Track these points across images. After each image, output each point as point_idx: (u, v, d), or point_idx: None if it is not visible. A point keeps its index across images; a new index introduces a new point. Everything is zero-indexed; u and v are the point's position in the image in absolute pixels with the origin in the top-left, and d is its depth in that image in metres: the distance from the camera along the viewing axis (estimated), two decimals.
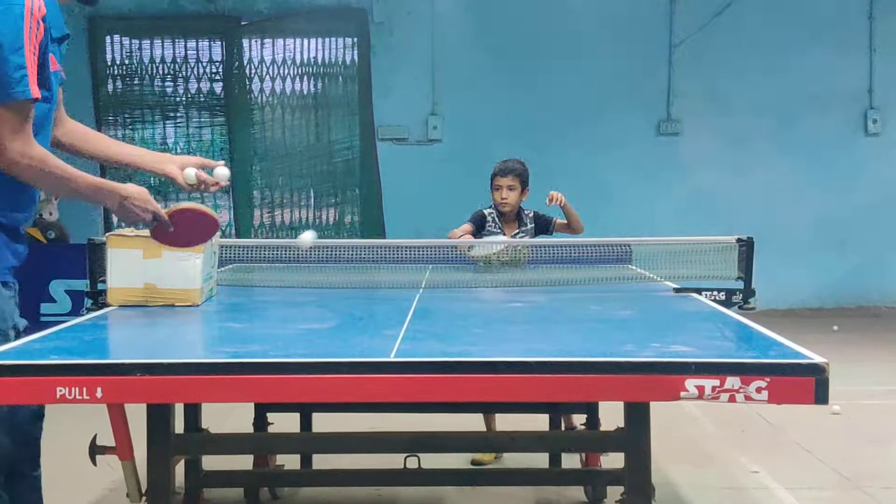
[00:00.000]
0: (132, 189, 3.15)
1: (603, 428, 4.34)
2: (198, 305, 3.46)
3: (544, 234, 5.60)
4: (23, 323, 3.06)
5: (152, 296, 3.42)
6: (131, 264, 3.41)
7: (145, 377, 2.44)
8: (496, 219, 5.52)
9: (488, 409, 4.93)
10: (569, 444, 4.33)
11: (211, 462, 4.12)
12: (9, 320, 2.97)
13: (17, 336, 2.98)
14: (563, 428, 4.86)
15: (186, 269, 3.43)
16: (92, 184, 3.11)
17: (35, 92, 2.89)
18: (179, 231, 3.29)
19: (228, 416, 4.42)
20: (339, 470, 4.25)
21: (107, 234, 3.53)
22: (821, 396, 2.39)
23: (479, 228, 5.49)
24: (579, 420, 4.77)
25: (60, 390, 2.41)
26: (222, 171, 3.52)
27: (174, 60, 10.92)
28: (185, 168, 3.42)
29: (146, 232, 3.43)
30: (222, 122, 10.99)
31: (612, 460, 4.82)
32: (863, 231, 10.96)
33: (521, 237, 5.45)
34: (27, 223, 3.13)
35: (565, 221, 5.59)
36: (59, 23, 3.10)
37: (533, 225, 5.56)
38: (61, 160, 3.04)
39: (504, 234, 5.44)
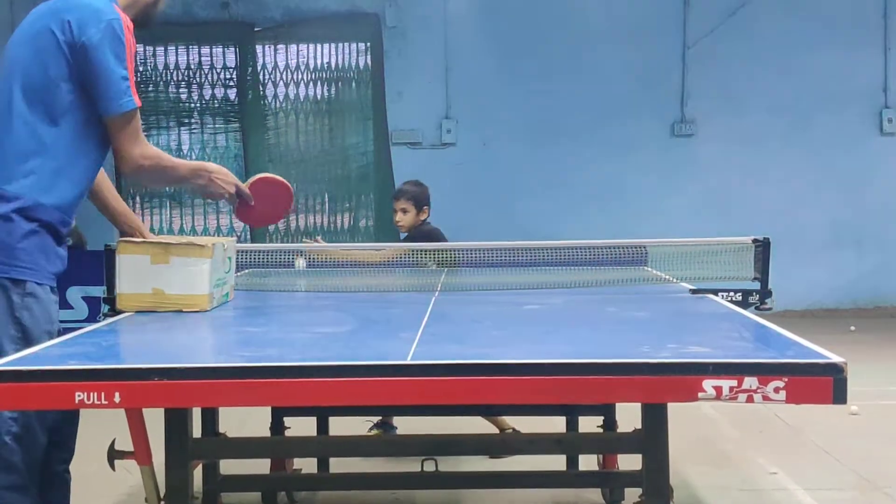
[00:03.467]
0: (216, 166, 3.53)
1: (620, 430, 4.34)
2: (206, 311, 3.46)
3: None
4: (61, 326, 3.20)
5: (160, 301, 3.43)
6: (140, 270, 3.42)
7: (163, 382, 2.44)
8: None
9: (504, 411, 4.94)
10: (586, 446, 4.32)
11: (228, 466, 4.13)
12: (55, 323, 3.12)
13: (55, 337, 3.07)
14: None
15: (194, 274, 3.44)
16: (190, 167, 3.55)
17: (138, 100, 3.15)
18: (260, 204, 3.62)
19: (246, 421, 4.44)
20: (355, 474, 4.25)
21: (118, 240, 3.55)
22: (839, 396, 2.38)
23: None
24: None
25: (79, 395, 2.42)
26: None
27: (188, 67, 10.96)
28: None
29: (155, 237, 3.48)
30: (236, 127, 11.02)
31: (630, 462, 4.82)
32: (879, 230, 10.91)
33: None
34: (69, 227, 3.27)
35: None
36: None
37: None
38: (170, 155, 3.45)
39: None
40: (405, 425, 5.46)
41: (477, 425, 4.48)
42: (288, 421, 4.57)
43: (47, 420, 3.10)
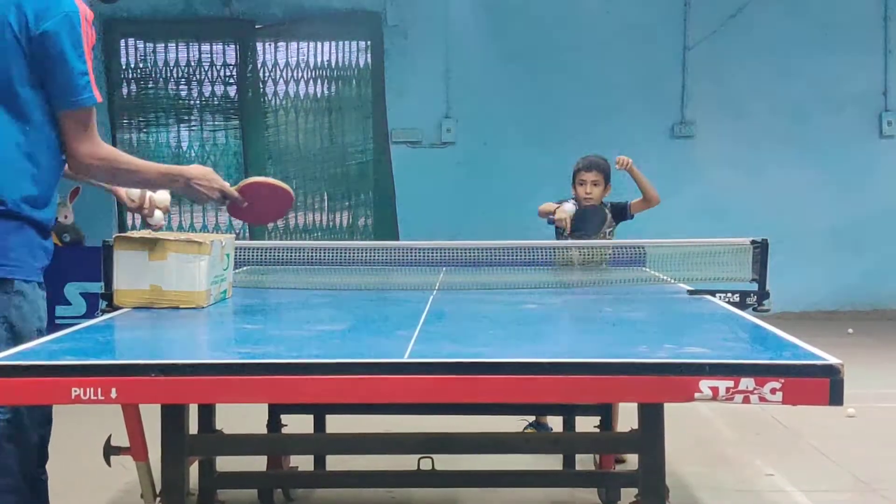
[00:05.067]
0: (196, 170, 3.34)
1: (617, 429, 4.34)
2: (203, 307, 3.46)
3: (623, 220, 5.79)
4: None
5: (157, 298, 3.43)
6: (137, 266, 3.42)
7: (160, 378, 2.44)
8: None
9: (501, 410, 4.94)
10: (583, 446, 4.32)
11: (225, 463, 4.13)
12: (44, 319, 3.07)
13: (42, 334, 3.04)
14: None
15: (191, 271, 3.44)
16: (159, 171, 3.33)
17: (98, 96, 3.03)
18: (255, 205, 3.52)
19: (242, 418, 4.43)
20: (352, 471, 4.25)
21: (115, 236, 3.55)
22: (835, 397, 2.38)
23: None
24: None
25: (75, 391, 2.42)
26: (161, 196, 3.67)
27: (188, 64, 10.95)
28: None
29: (152, 234, 3.46)
30: (236, 125, 11.02)
31: (626, 462, 4.82)
32: (878, 233, 10.91)
33: (608, 231, 5.63)
34: (53, 223, 3.19)
35: (640, 199, 5.65)
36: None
37: (611, 215, 5.70)
38: (126, 153, 3.25)
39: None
40: (406, 424, 5.45)
41: (477, 424, 4.48)
42: (285, 418, 4.57)
43: (33, 422, 3.08)
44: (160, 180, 3.34)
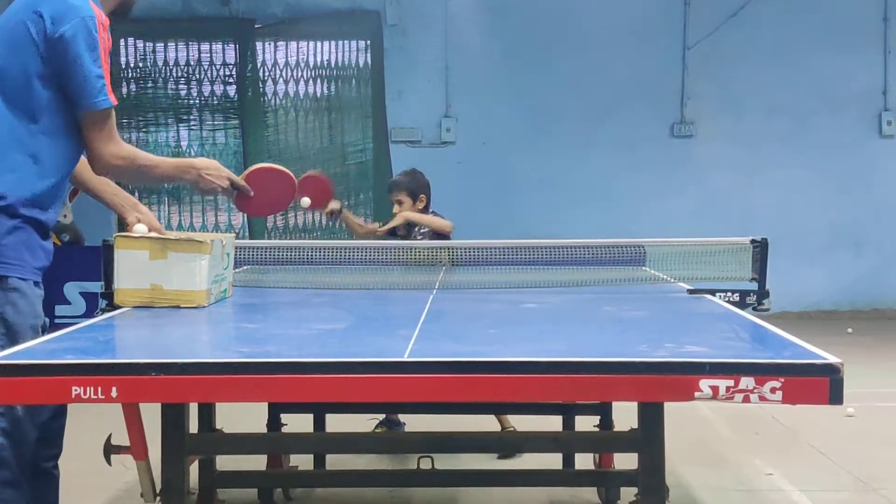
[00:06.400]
0: (204, 162, 3.48)
1: (616, 429, 4.34)
2: (204, 307, 3.46)
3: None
4: (46, 320, 3.17)
5: (158, 297, 3.43)
6: (138, 265, 3.42)
7: (160, 377, 2.44)
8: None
9: (502, 409, 4.95)
10: (582, 446, 4.32)
11: (225, 462, 4.13)
12: (40, 317, 3.10)
13: (42, 333, 3.06)
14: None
15: (192, 270, 3.44)
16: (172, 164, 3.51)
17: (114, 98, 3.10)
18: (260, 194, 3.60)
19: (242, 417, 4.44)
20: (352, 471, 4.26)
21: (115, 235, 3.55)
22: (835, 397, 2.38)
23: (392, 233, 5.84)
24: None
25: (76, 390, 2.42)
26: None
27: (188, 63, 10.95)
28: (139, 222, 3.56)
29: (153, 233, 3.46)
30: (236, 124, 11.02)
31: (626, 461, 4.82)
32: (878, 233, 10.92)
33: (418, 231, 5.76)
34: (54, 224, 3.23)
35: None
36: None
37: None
38: (147, 153, 3.37)
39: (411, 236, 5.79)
40: (406, 422, 5.46)
41: (476, 423, 4.48)
42: (285, 417, 4.57)
43: (38, 416, 3.10)
44: (174, 173, 3.48)
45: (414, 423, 5.10)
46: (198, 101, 11.01)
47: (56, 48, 3.01)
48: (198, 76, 10.96)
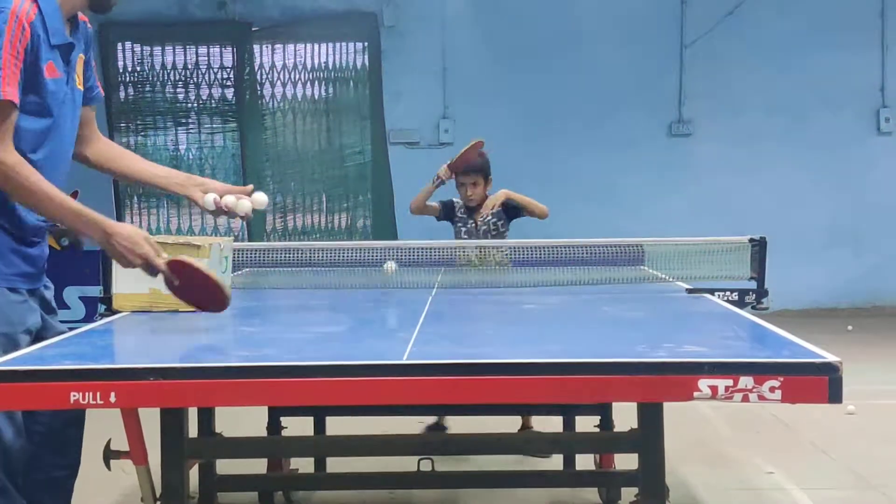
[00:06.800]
0: (122, 228, 3.01)
1: (616, 429, 4.34)
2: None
3: (517, 217, 5.95)
4: (38, 323, 3.08)
5: (157, 301, 3.43)
6: (136, 270, 3.42)
7: (159, 382, 2.44)
8: (464, 209, 5.89)
9: (501, 411, 4.94)
10: (582, 446, 4.32)
11: (225, 466, 4.13)
12: (17, 325, 2.99)
13: (33, 338, 3.01)
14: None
15: None
16: (71, 209, 2.98)
17: (8, 94, 2.84)
18: (185, 286, 3.10)
19: (242, 421, 4.43)
20: (352, 473, 4.25)
21: None
22: (834, 395, 2.38)
23: (449, 215, 5.87)
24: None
25: (74, 395, 2.42)
26: (258, 197, 3.45)
27: (185, 67, 10.95)
28: (207, 192, 3.36)
29: (154, 237, 3.44)
30: (234, 127, 11.02)
31: (627, 461, 4.82)
32: (877, 230, 10.91)
33: (492, 220, 5.77)
34: (38, 227, 3.11)
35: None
36: (60, 29, 3.05)
37: (501, 209, 5.83)
38: (42, 177, 2.92)
39: (473, 222, 5.79)
40: (405, 425, 5.45)
41: (477, 424, 4.48)
42: (284, 421, 4.56)
43: (38, 423, 3.06)
44: (70, 219, 2.99)
45: (413, 425, 5.09)
46: (196, 105, 11.00)
47: None
48: (195, 80, 10.95)
